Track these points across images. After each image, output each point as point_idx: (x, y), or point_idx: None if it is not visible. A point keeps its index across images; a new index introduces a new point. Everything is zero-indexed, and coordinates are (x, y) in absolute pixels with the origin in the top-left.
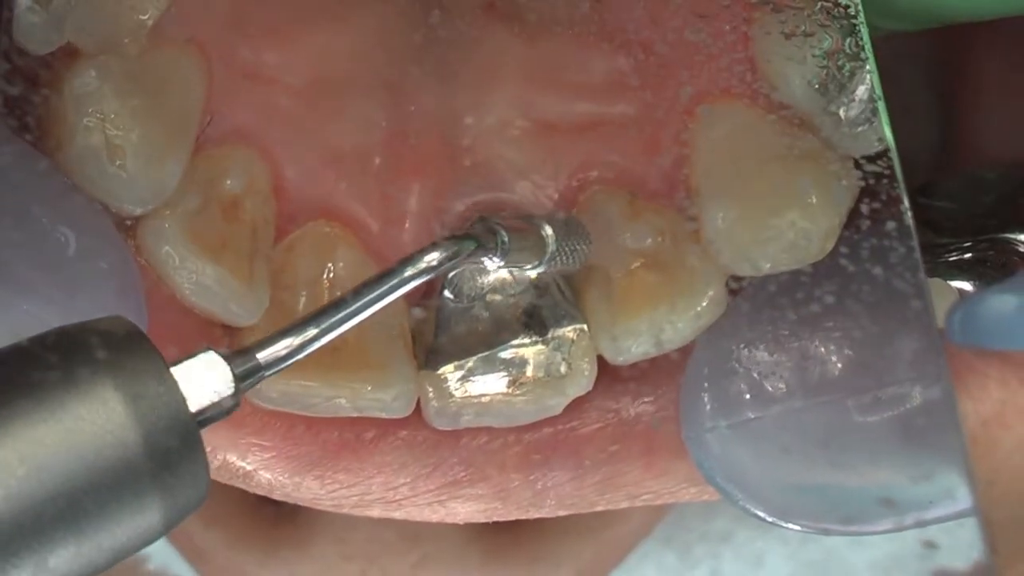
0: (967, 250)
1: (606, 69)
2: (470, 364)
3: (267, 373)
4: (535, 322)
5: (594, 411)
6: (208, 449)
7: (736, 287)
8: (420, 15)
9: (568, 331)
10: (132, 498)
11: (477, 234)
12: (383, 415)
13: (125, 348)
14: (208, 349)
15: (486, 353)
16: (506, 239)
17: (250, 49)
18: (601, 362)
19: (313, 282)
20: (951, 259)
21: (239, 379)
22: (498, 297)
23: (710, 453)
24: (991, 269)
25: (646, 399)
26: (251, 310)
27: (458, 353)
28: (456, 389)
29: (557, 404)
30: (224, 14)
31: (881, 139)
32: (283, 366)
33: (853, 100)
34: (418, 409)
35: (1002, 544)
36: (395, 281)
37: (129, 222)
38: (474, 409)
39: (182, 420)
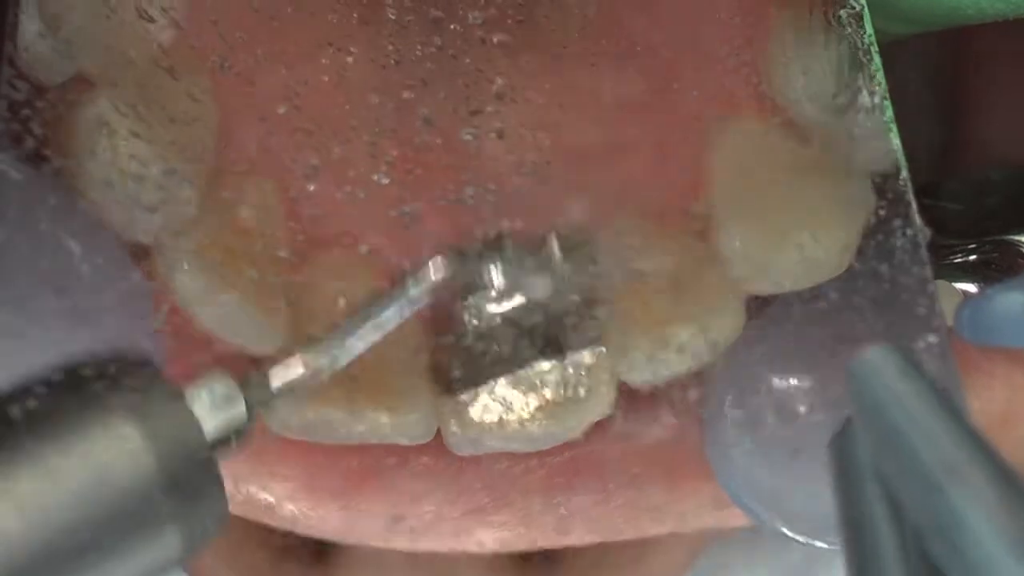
0: (972, 252)
1: (619, 92)
2: (489, 389)
3: (280, 398)
4: (553, 345)
5: (615, 433)
6: (231, 482)
7: (756, 304)
8: (431, 41)
9: (586, 354)
10: (151, 526)
11: (484, 249)
12: (404, 441)
13: (138, 377)
14: (220, 375)
15: (505, 377)
16: (511, 255)
17: (263, 77)
18: (621, 384)
19: (329, 310)
20: (956, 261)
21: (252, 405)
22: (516, 321)
23: (735, 470)
24: (996, 271)
25: (667, 420)
26: (268, 337)
27: (477, 378)
28: (476, 414)
29: (577, 427)
30: (236, 41)
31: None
32: (296, 391)
33: (866, 114)
34: (439, 435)
35: None
36: (404, 299)
37: (142, 250)
38: (495, 434)
39: (198, 447)
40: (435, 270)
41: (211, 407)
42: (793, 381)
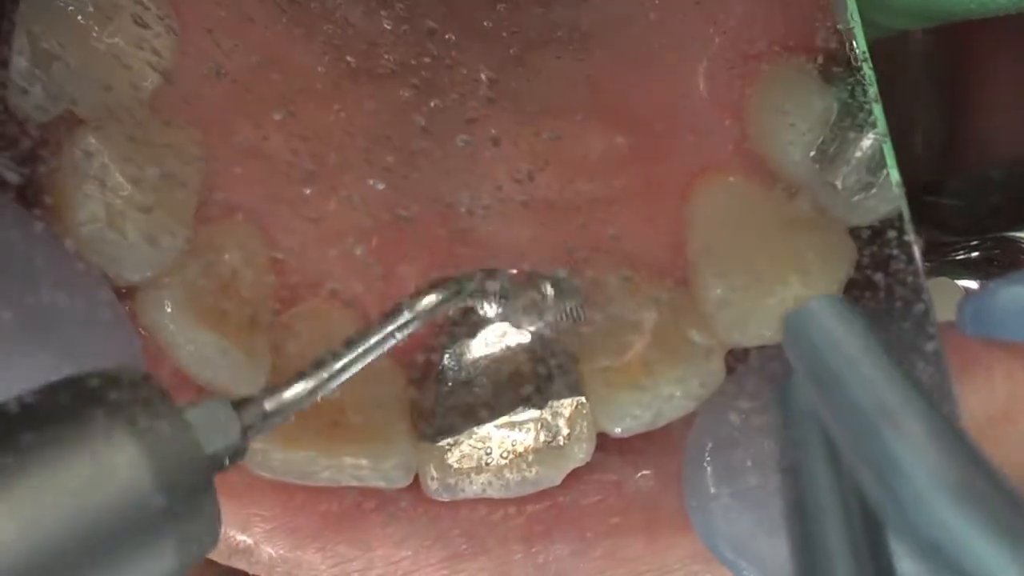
0: (974, 248)
1: (603, 146)
2: (469, 434)
3: (274, 420)
4: (534, 393)
5: (594, 483)
6: None
7: (737, 356)
8: (420, 99)
9: (567, 403)
10: (147, 540)
11: (477, 278)
12: (382, 485)
13: (138, 393)
14: (215, 397)
15: (485, 424)
16: (505, 286)
17: (249, 126)
18: (601, 434)
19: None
20: (958, 257)
21: (247, 426)
22: (497, 368)
23: (714, 522)
24: (998, 267)
25: (647, 471)
26: (251, 381)
27: (457, 424)
28: (455, 460)
29: (556, 475)
30: (224, 91)
31: (877, 208)
32: (289, 412)
33: (849, 169)
34: (418, 481)
35: None
36: (396, 324)
37: (126, 290)
38: (473, 480)
39: (196, 463)
40: (427, 297)
41: (208, 427)
42: (772, 433)
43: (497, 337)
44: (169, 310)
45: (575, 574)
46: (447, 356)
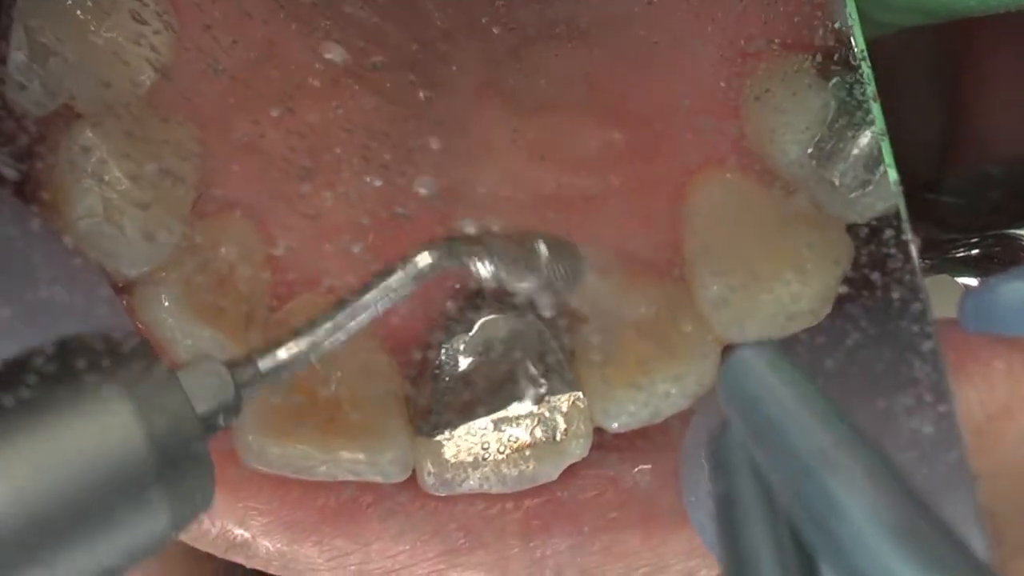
0: (974, 246)
1: (600, 143)
2: (466, 429)
3: (268, 380)
4: (531, 388)
5: (592, 478)
6: (206, 515)
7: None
8: (416, 94)
9: (564, 398)
10: (140, 498)
11: (469, 239)
12: (379, 480)
13: (130, 354)
14: (210, 359)
15: (482, 419)
16: (498, 245)
17: (247, 122)
18: (598, 429)
19: None
20: (958, 255)
21: (241, 386)
22: (494, 364)
23: (710, 518)
24: (998, 265)
25: (644, 466)
26: None
27: (454, 419)
28: (452, 455)
29: (553, 470)
30: (222, 87)
31: (875, 206)
32: (283, 373)
33: (847, 166)
34: (415, 475)
35: (1007, 537)
36: (389, 285)
37: (124, 285)
38: (470, 475)
39: (188, 422)
40: (420, 257)
41: (202, 388)
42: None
43: (494, 332)
44: (167, 305)
45: (572, 569)
46: (444, 351)
